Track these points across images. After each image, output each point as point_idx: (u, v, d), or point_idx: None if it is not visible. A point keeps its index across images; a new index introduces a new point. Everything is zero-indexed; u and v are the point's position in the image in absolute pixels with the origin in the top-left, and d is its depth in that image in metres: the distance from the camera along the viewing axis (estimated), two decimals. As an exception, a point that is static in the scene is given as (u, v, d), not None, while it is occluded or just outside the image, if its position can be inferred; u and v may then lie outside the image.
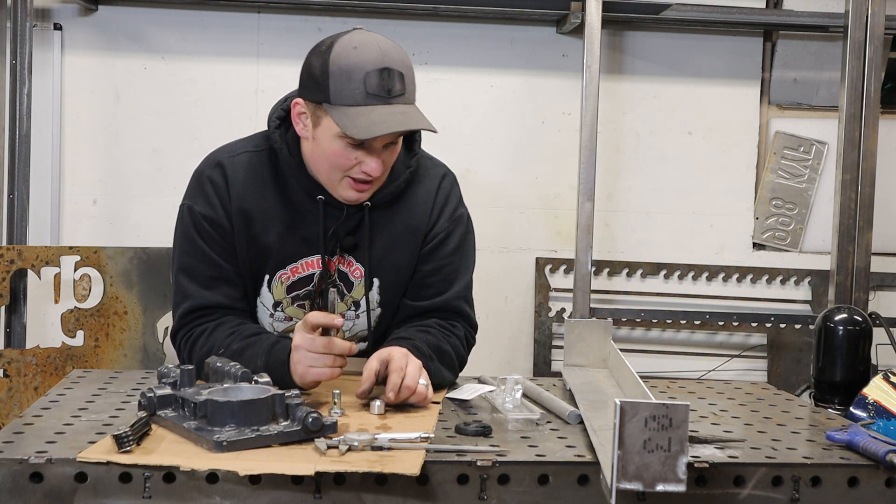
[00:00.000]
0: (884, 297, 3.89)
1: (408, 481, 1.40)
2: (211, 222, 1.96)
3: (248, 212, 1.96)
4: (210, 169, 2.00)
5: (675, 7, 3.56)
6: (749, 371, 3.87)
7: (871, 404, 1.87)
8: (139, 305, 3.25)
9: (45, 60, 3.56)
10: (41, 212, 3.57)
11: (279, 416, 1.53)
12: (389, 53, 1.84)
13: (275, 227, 1.97)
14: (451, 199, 2.09)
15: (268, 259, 1.98)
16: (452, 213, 2.08)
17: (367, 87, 1.81)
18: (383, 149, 1.89)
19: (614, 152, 3.84)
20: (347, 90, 1.82)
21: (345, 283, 2.02)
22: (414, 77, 1.90)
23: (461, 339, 2.05)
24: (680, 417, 1.28)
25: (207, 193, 1.97)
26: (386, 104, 1.82)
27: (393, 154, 1.93)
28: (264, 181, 1.98)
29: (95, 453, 1.40)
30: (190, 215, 1.98)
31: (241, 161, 1.99)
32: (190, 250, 1.98)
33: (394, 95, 1.83)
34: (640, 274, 3.84)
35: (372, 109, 1.81)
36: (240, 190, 1.97)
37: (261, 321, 2.03)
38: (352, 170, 1.89)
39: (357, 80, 1.81)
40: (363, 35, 1.87)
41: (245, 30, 3.67)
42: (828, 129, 3.85)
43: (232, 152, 2.02)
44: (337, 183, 1.92)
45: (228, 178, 1.97)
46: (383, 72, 1.82)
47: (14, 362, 3.16)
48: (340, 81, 1.82)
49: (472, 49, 3.76)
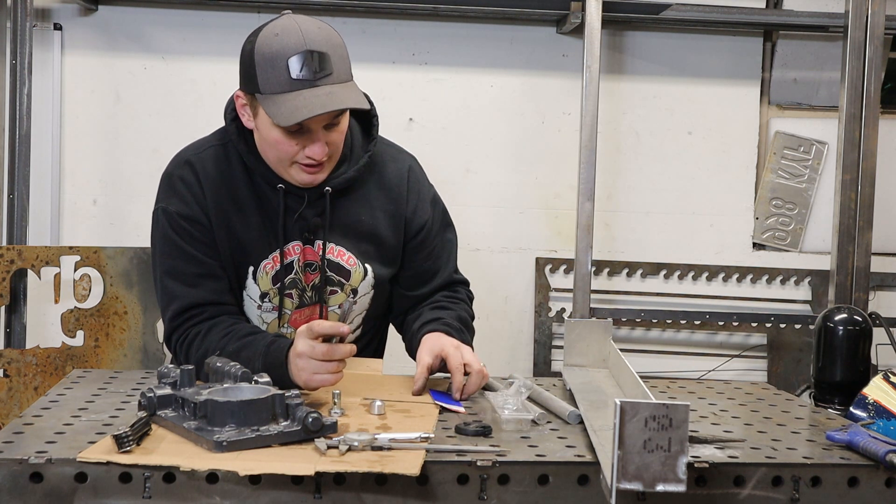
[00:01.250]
0: (884, 297, 3.89)
1: (408, 481, 1.40)
2: (188, 219, 1.96)
3: (223, 206, 1.96)
4: (179, 168, 2.00)
5: (675, 7, 3.56)
6: (749, 371, 3.87)
7: (871, 404, 1.87)
8: (139, 305, 3.25)
9: (45, 60, 3.56)
10: (41, 212, 3.57)
11: (279, 416, 1.53)
12: (311, 35, 1.83)
13: (252, 218, 1.97)
14: (423, 183, 2.14)
15: (250, 251, 1.98)
16: (430, 198, 2.13)
17: (291, 72, 1.81)
18: (325, 130, 1.88)
19: (614, 152, 3.84)
20: (273, 78, 1.83)
21: (338, 272, 2.02)
22: (345, 54, 1.89)
23: (466, 301, 2.17)
24: (680, 417, 1.28)
25: (180, 192, 1.97)
26: (312, 87, 1.82)
27: (337, 133, 1.92)
28: (234, 173, 1.98)
29: (95, 453, 1.40)
30: (165, 216, 1.97)
31: (208, 156, 2.00)
32: (170, 251, 1.97)
33: (319, 77, 1.82)
34: (640, 274, 3.84)
35: (297, 95, 1.81)
36: (213, 184, 1.97)
37: (248, 314, 2.03)
38: (297, 156, 1.90)
39: (280, 67, 1.82)
40: (287, 20, 1.87)
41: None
42: (828, 129, 3.85)
43: (198, 150, 2.02)
44: (287, 169, 1.93)
45: (199, 175, 1.97)
46: (305, 55, 1.81)
47: (14, 362, 3.16)
48: (265, 70, 1.83)
49: (472, 49, 3.76)
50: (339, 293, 2.03)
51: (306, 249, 2.00)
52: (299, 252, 1.99)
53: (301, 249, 1.99)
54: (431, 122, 3.73)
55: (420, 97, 3.73)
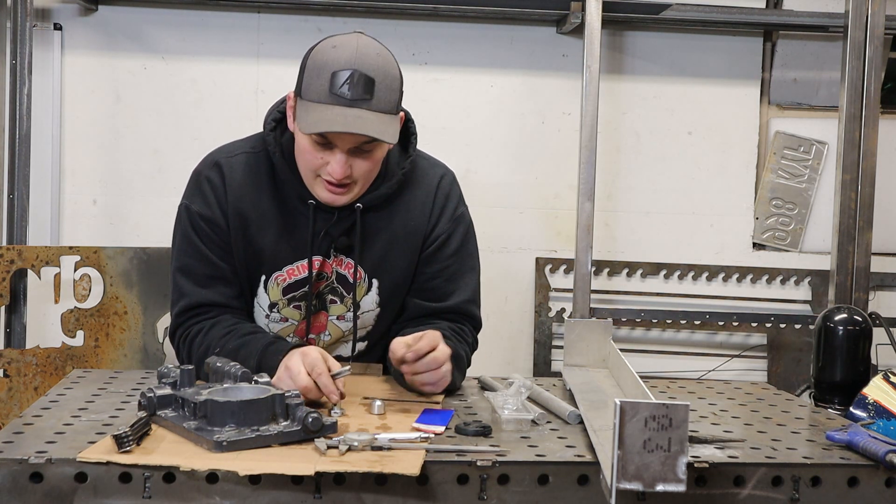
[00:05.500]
0: (884, 297, 3.89)
1: (408, 481, 1.40)
2: (208, 221, 1.96)
3: (244, 213, 1.96)
4: (208, 169, 2.00)
5: (675, 7, 3.56)
6: (749, 371, 3.87)
7: (871, 404, 1.87)
8: (139, 305, 3.25)
9: (45, 60, 3.56)
10: (41, 212, 3.57)
11: (279, 416, 1.53)
12: (365, 58, 1.81)
13: (270, 229, 1.97)
14: (451, 198, 2.08)
15: (263, 260, 1.98)
16: (453, 213, 2.07)
17: (332, 86, 1.79)
18: (351, 154, 1.85)
19: (614, 152, 3.84)
20: (314, 86, 1.81)
21: (344, 286, 2.02)
22: (396, 87, 1.86)
23: (469, 344, 2.05)
24: (680, 417, 1.28)
25: (205, 193, 1.98)
26: (346, 106, 1.79)
27: (368, 161, 1.88)
28: (261, 182, 1.98)
29: (95, 453, 1.40)
30: (187, 214, 1.98)
31: (238, 162, 2.00)
32: (187, 249, 1.98)
33: (356, 99, 1.79)
34: (640, 274, 3.84)
35: (328, 108, 1.79)
36: (237, 190, 1.97)
37: (257, 321, 2.04)
38: (321, 169, 1.88)
39: (324, 78, 1.80)
40: (350, 37, 1.85)
41: (245, 30, 3.67)
42: (828, 129, 3.85)
43: (230, 153, 2.02)
44: (312, 181, 1.92)
45: (226, 179, 1.97)
46: (351, 74, 1.79)
47: (14, 362, 3.16)
48: (311, 77, 1.83)
49: (472, 49, 3.76)
50: (338, 304, 2.03)
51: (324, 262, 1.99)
52: (318, 267, 1.98)
53: (321, 263, 1.99)
54: (431, 122, 3.73)
55: (420, 97, 3.73)
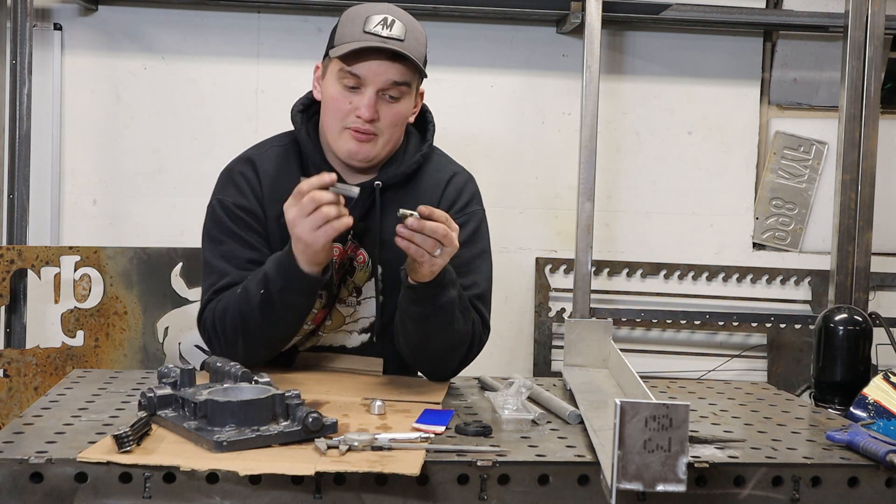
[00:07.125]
0: (884, 297, 3.89)
1: (408, 481, 1.40)
2: (244, 210, 2.00)
3: (280, 200, 1.95)
4: (240, 164, 2.05)
5: (675, 7, 3.56)
6: (749, 371, 3.87)
7: (871, 404, 1.87)
8: (139, 305, 3.25)
9: (45, 60, 3.56)
10: (41, 212, 3.57)
11: (279, 416, 1.53)
12: (398, 12, 1.92)
13: None
14: (464, 194, 2.10)
15: None
16: (464, 207, 2.09)
17: (366, 25, 1.89)
18: (379, 98, 1.92)
19: (614, 152, 3.84)
20: (348, 31, 1.91)
21: (347, 269, 2.02)
22: (423, 42, 1.95)
23: (476, 324, 2.04)
24: (680, 417, 1.28)
25: (238, 185, 2.02)
26: (379, 41, 1.88)
27: (393, 110, 1.95)
28: (293, 172, 2.01)
29: (95, 453, 1.40)
30: (221, 207, 2.01)
31: (270, 155, 2.06)
32: (224, 239, 1.99)
33: (389, 38, 1.89)
34: (640, 274, 3.84)
35: (362, 42, 1.88)
36: (270, 179, 2.01)
37: None
38: (348, 118, 1.93)
39: (358, 23, 1.90)
40: (382, 4, 1.95)
41: (245, 30, 3.67)
42: (828, 129, 3.85)
43: (259, 149, 2.09)
44: (338, 136, 1.95)
45: (259, 170, 2.02)
46: (385, 17, 1.89)
47: (14, 362, 3.16)
48: (344, 25, 1.92)
49: (472, 49, 3.76)
50: (342, 288, 2.03)
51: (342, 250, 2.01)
52: (337, 254, 1.99)
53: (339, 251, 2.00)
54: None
55: (420, 97, 3.73)
